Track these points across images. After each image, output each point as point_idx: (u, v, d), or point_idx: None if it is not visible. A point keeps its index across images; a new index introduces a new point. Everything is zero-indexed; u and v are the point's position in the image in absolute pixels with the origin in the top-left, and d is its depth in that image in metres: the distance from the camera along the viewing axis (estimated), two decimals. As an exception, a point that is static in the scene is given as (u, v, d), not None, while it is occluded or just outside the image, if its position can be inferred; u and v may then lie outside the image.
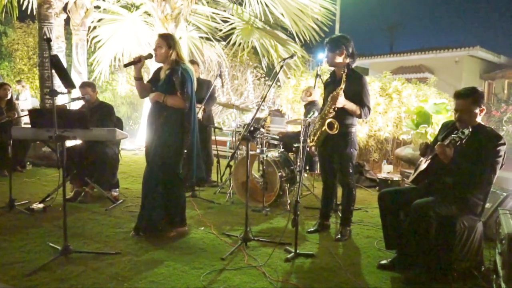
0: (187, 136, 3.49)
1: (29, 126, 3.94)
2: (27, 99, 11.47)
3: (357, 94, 3.60)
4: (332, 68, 3.84)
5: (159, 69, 3.62)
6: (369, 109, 3.64)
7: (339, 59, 3.63)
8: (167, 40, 3.48)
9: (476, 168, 2.71)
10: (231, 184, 5.04)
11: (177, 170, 3.54)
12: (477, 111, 2.82)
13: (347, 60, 3.63)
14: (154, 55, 3.52)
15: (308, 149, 3.92)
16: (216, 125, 6.58)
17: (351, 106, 3.57)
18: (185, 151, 3.55)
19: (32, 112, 4.00)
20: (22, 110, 7.90)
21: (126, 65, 3.66)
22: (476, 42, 17.15)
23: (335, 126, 3.53)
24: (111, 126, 4.42)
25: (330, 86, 3.74)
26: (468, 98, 2.81)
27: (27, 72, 14.86)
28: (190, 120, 3.51)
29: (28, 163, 6.60)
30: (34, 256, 3.05)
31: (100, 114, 4.66)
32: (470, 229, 2.84)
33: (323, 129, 3.58)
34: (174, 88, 3.42)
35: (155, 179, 3.48)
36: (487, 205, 3.52)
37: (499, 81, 17.29)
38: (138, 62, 3.50)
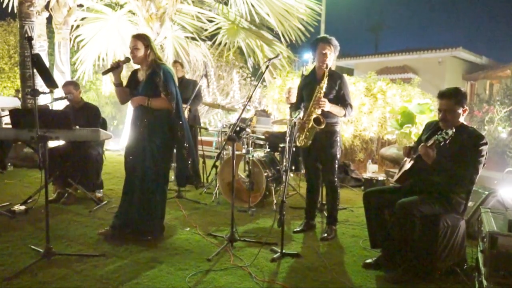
0: (182, 135, 3.40)
1: (10, 126, 3.86)
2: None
3: (339, 93, 3.67)
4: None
5: (135, 72, 3.50)
6: (351, 107, 3.71)
7: (331, 59, 3.67)
8: (144, 40, 3.35)
9: (459, 167, 2.75)
10: (217, 185, 5.02)
11: (168, 172, 3.49)
12: (460, 111, 2.86)
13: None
14: (131, 57, 3.38)
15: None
16: (202, 125, 6.55)
17: (335, 108, 3.62)
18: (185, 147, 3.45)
19: (13, 112, 3.92)
20: (3, 110, 7.73)
21: (104, 73, 3.50)
22: (459, 43, 17.49)
23: (322, 120, 3.54)
24: (98, 127, 4.33)
25: (310, 85, 3.74)
26: (451, 98, 2.85)
27: (8, 72, 14.55)
28: (181, 118, 3.42)
29: (9, 164, 6.46)
30: (15, 259, 2.99)
31: (86, 115, 4.58)
32: (453, 228, 2.88)
33: (310, 125, 3.59)
34: (157, 89, 3.33)
35: (152, 185, 3.39)
36: (470, 203, 3.57)
37: (481, 82, 17.63)
38: (116, 67, 3.37)
